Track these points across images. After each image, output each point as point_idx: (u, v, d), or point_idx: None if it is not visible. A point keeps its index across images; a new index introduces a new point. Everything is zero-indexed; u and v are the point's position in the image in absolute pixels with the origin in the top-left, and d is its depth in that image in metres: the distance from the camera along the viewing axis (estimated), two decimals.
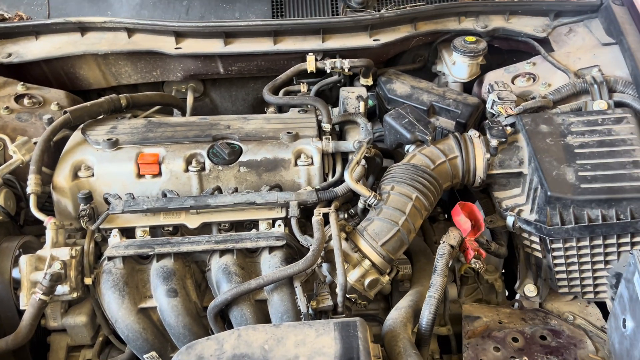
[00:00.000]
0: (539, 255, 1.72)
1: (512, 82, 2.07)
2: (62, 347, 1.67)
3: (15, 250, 1.59)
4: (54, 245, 1.55)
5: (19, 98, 2.01)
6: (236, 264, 1.56)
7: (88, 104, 1.88)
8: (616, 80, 1.86)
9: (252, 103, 2.49)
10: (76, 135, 1.82)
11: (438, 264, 1.54)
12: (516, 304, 1.83)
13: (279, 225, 1.65)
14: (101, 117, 1.92)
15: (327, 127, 1.86)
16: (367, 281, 1.54)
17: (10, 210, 1.73)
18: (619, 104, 1.81)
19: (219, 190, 1.70)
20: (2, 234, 1.78)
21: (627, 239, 1.58)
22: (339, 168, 1.81)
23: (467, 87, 2.25)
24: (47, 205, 1.75)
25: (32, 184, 1.64)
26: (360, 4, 2.25)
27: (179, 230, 1.68)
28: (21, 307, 1.48)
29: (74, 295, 1.52)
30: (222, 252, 1.58)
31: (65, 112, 1.81)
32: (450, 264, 1.59)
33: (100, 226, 1.62)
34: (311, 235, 1.60)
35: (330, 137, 1.82)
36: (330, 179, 1.78)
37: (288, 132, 1.80)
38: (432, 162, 1.70)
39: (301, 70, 2.08)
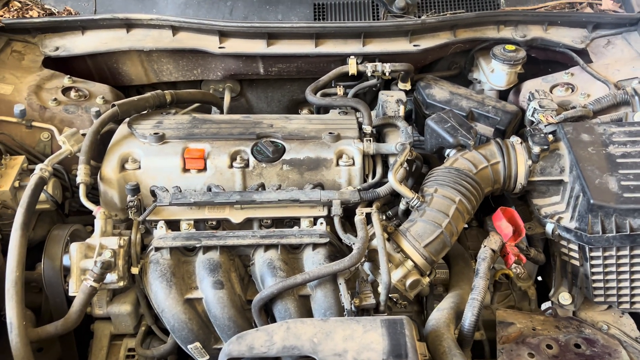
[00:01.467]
0: (576, 263, 1.73)
1: (550, 91, 2.09)
2: (106, 334, 1.70)
3: (66, 237, 1.62)
4: (102, 235, 1.58)
5: (65, 91, 2.06)
6: (280, 259, 1.59)
7: (135, 98, 1.92)
8: None
9: (287, 105, 2.52)
10: (123, 129, 1.86)
11: (480, 267, 1.56)
12: (549, 311, 1.84)
13: (321, 223, 1.67)
14: (146, 111, 1.96)
15: (368, 129, 1.89)
16: (408, 281, 1.56)
17: (57, 199, 1.78)
18: None
19: (262, 187, 1.73)
20: (47, 223, 1.83)
21: None
22: (379, 169, 1.83)
23: (502, 95, 2.27)
24: (90, 196, 1.79)
25: (82, 174, 1.68)
26: (401, 9, 2.28)
27: (221, 224, 1.71)
28: (70, 294, 1.51)
29: (121, 284, 1.55)
30: (267, 247, 1.61)
31: (113, 106, 1.85)
32: (490, 268, 1.61)
33: (147, 218, 1.65)
34: (352, 234, 1.62)
35: (371, 139, 1.85)
36: (370, 180, 1.80)
37: (330, 133, 1.83)
38: (475, 167, 1.72)
39: (343, 72, 2.12)
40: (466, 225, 2.11)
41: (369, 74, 2.11)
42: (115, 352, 1.72)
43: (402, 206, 1.72)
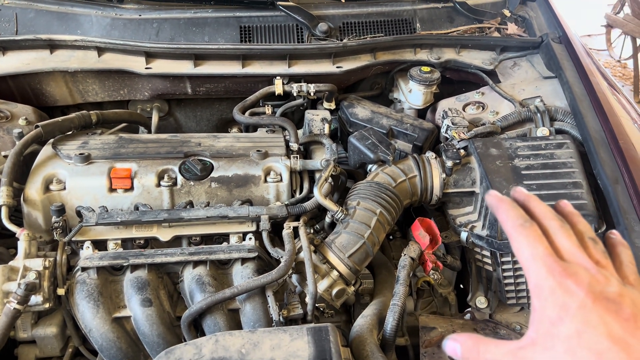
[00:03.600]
0: (490, 268, 1.85)
1: (463, 109, 2.24)
2: (31, 358, 1.66)
3: None
4: (26, 256, 1.55)
5: None
6: (209, 274, 1.62)
7: (59, 119, 1.90)
8: (556, 110, 2.05)
9: (216, 123, 2.56)
10: (47, 150, 1.84)
11: (400, 274, 1.65)
12: (468, 315, 1.95)
13: (250, 238, 1.72)
14: (71, 132, 1.95)
15: (294, 146, 1.96)
16: (334, 291, 1.63)
17: None
18: (559, 131, 1.99)
19: (190, 204, 1.76)
20: None
21: None
22: (306, 185, 1.90)
23: (421, 114, 2.41)
24: (13, 218, 1.76)
25: (4, 196, 1.65)
26: (324, 32, 2.38)
27: (149, 243, 1.72)
28: None
29: (47, 305, 1.53)
30: (196, 264, 1.63)
31: (36, 127, 1.82)
32: (410, 275, 1.70)
33: (73, 238, 1.64)
34: (281, 248, 1.68)
35: (297, 155, 1.92)
36: (298, 195, 1.87)
37: (258, 150, 1.88)
38: (394, 181, 1.82)
39: (269, 92, 2.18)
40: (391, 237, 2.22)
41: (295, 94, 2.18)
42: None
43: (327, 219, 1.80)
